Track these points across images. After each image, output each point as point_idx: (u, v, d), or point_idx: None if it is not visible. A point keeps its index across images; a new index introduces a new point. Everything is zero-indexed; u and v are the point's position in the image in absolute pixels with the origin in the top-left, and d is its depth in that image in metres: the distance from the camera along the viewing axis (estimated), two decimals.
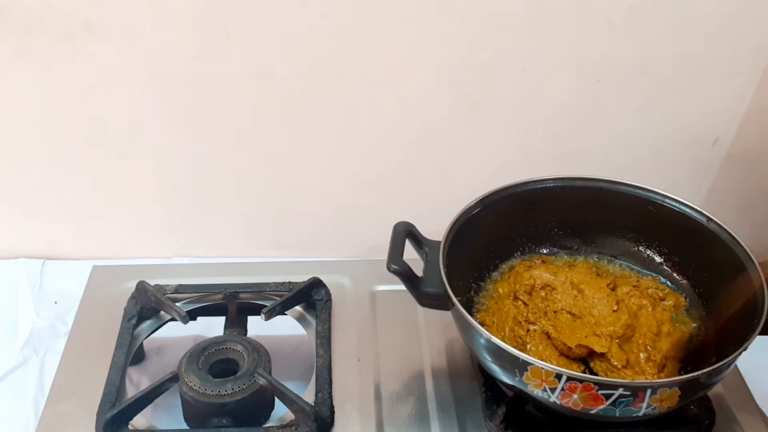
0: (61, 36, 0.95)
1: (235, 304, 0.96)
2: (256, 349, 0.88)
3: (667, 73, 1.02)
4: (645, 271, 0.96)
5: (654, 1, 0.96)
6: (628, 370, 0.83)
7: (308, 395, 0.86)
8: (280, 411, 0.87)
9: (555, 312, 0.89)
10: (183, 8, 0.93)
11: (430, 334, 0.96)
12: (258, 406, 0.86)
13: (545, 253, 0.98)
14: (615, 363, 0.83)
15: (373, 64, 0.99)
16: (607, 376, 0.82)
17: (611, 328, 0.85)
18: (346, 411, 0.86)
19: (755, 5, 0.97)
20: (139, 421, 0.84)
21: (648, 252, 0.97)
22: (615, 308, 0.88)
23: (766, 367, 0.93)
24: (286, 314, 0.97)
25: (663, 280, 0.95)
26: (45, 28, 0.94)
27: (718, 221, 0.88)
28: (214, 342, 0.90)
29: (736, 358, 0.76)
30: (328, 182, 1.11)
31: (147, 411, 0.85)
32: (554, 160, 1.08)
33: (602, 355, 0.84)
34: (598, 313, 0.87)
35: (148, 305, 0.96)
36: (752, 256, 0.83)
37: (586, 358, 0.85)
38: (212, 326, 0.99)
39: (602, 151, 1.09)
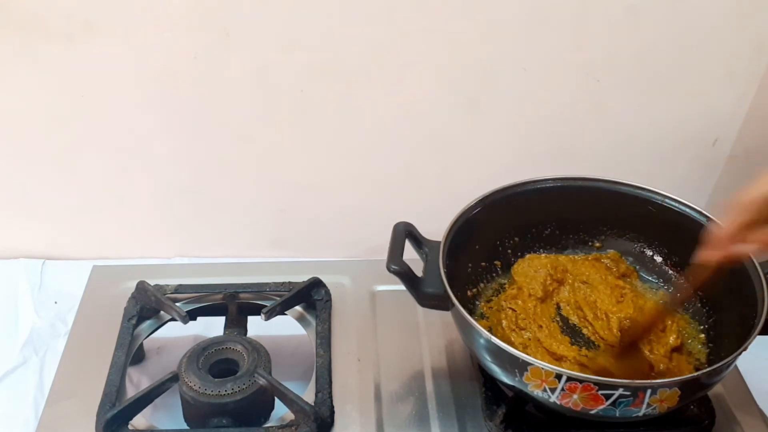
0: (61, 36, 0.95)
1: (235, 304, 0.96)
2: (256, 349, 0.88)
3: (667, 73, 1.02)
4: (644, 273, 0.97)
5: (654, 1, 0.96)
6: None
7: (308, 395, 0.86)
8: (280, 411, 0.87)
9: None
10: (183, 8, 0.93)
11: (430, 334, 0.96)
12: (258, 406, 0.86)
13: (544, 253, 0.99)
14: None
15: (373, 64, 0.99)
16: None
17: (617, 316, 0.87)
18: (346, 411, 0.86)
19: (755, 5, 0.97)
20: (139, 421, 0.84)
21: (648, 252, 0.97)
22: (620, 299, 0.89)
23: (766, 367, 0.93)
24: (286, 314, 0.97)
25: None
26: (45, 28, 0.94)
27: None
28: (214, 342, 0.90)
29: (736, 358, 0.76)
30: (328, 182, 1.11)
31: (147, 411, 0.85)
32: (554, 160, 1.08)
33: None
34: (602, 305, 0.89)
35: (148, 305, 0.96)
36: (752, 256, 0.83)
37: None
38: (212, 326, 0.99)
39: (602, 151, 1.09)
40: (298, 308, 0.98)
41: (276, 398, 0.87)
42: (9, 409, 0.94)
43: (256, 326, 0.95)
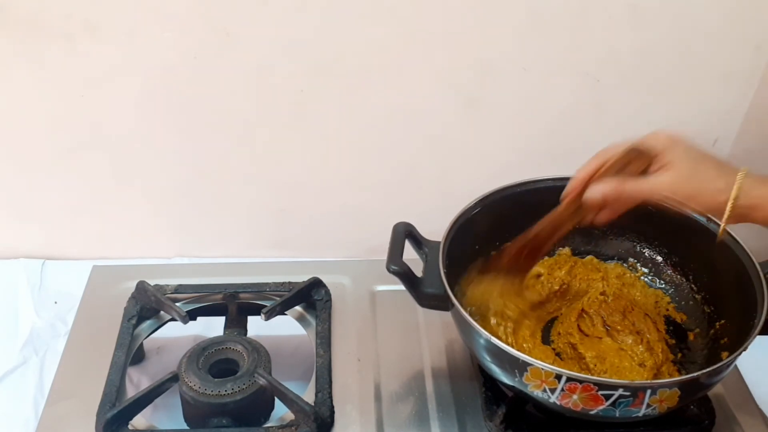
0: (61, 36, 0.94)
1: (235, 304, 0.96)
2: (256, 349, 0.88)
3: (667, 73, 1.02)
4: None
5: (654, 1, 0.96)
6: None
7: (308, 395, 0.86)
8: (280, 411, 0.87)
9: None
10: (183, 8, 0.93)
11: (430, 334, 0.96)
12: (258, 406, 0.86)
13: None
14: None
15: (373, 64, 0.99)
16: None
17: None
18: (346, 411, 0.86)
19: (755, 5, 0.97)
20: (139, 421, 0.84)
21: (648, 252, 0.97)
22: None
23: (766, 367, 0.93)
24: (286, 314, 0.97)
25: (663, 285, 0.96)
26: (45, 28, 0.94)
27: (718, 221, 0.88)
28: (214, 342, 0.90)
29: (736, 358, 0.76)
30: (328, 182, 1.11)
31: (147, 411, 0.86)
32: (554, 160, 1.08)
33: None
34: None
35: (148, 305, 0.96)
36: (752, 256, 0.83)
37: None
38: (212, 326, 0.99)
39: None
40: (298, 308, 0.98)
41: (276, 398, 0.87)
42: (9, 409, 0.94)
43: (256, 326, 0.95)
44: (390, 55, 0.99)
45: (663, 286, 0.96)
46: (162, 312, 0.96)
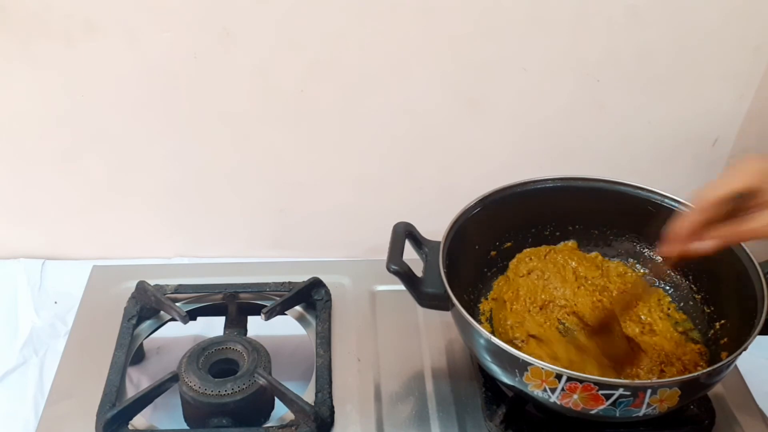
0: (61, 36, 0.95)
1: (235, 304, 0.96)
2: (256, 349, 0.88)
3: (667, 73, 1.02)
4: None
5: (654, 1, 0.96)
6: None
7: (308, 395, 0.86)
8: (280, 411, 0.87)
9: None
10: (183, 8, 0.93)
11: (430, 334, 0.96)
12: (258, 406, 0.86)
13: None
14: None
15: (373, 64, 0.99)
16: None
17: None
18: (346, 411, 0.86)
19: (755, 5, 0.97)
20: (139, 421, 0.84)
21: (648, 252, 0.97)
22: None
23: (766, 367, 0.93)
24: (286, 314, 0.97)
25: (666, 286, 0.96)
26: (45, 28, 0.94)
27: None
28: (214, 342, 0.90)
29: (736, 358, 0.76)
30: (328, 182, 1.11)
31: (147, 411, 0.85)
32: (554, 160, 1.08)
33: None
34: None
35: (148, 305, 0.96)
36: (752, 257, 0.83)
37: None
38: (212, 326, 0.99)
39: (602, 151, 1.09)
40: (298, 308, 0.98)
41: (276, 398, 0.87)
42: (9, 409, 0.94)
43: (256, 326, 0.95)
44: (390, 55, 0.99)
45: (663, 286, 0.96)
46: (162, 312, 0.96)
